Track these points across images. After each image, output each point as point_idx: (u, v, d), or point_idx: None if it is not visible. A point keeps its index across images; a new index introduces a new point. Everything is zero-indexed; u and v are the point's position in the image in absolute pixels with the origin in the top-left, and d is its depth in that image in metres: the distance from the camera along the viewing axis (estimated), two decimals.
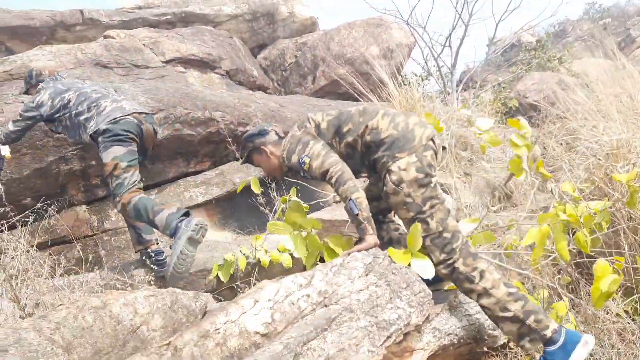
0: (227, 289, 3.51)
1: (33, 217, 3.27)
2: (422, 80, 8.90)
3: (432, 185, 2.31)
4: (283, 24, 8.61)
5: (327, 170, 2.37)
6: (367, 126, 2.42)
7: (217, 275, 3.52)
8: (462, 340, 2.21)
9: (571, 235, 2.73)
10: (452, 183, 4.46)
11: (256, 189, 3.68)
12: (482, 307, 2.18)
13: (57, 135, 3.86)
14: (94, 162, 4.15)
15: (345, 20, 8.31)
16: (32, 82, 3.87)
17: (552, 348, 2.07)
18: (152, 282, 3.04)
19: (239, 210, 4.72)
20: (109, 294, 2.11)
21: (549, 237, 2.54)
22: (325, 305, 1.76)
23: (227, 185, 4.63)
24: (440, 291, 2.47)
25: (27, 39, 6.67)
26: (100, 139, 3.35)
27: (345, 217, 4.01)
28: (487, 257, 2.86)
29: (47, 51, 5.05)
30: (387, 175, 2.33)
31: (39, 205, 3.39)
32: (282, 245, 3.79)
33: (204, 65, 6.03)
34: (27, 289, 2.60)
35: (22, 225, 3.41)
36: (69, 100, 3.58)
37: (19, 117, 3.61)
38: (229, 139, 4.53)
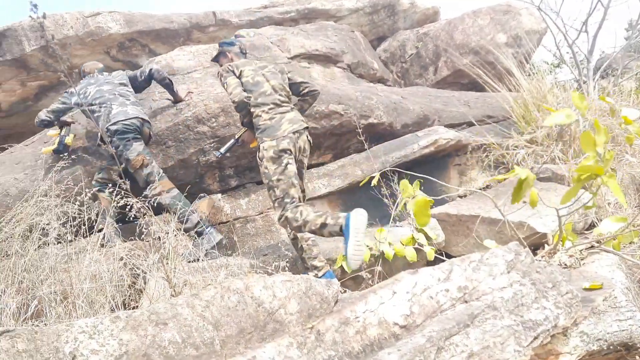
0: (349, 279, 3.57)
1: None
2: (554, 68, 8.28)
3: (282, 164, 3.37)
4: (404, 15, 8.49)
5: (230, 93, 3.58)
6: (256, 112, 3.57)
7: (341, 265, 3.59)
8: (611, 347, 2.04)
9: None
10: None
11: (375, 182, 3.69)
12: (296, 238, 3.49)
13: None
14: (228, 154, 4.43)
15: (469, 8, 7.98)
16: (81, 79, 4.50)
17: None
18: (286, 268, 3.17)
19: (360, 203, 4.75)
20: (250, 277, 2.24)
21: None
22: (465, 301, 1.71)
23: (349, 178, 4.69)
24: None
25: (167, 40, 7.27)
26: (115, 139, 3.83)
27: (473, 212, 3.89)
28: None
29: (187, 51, 5.47)
30: (258, 151, 3.50)
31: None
32: (406, 238, 3.78)
33: (326, 59, 6.15)
34: (176, 269, 2.86)
35: (167, 211, 3.75)
36: (89, 94, 4.14)
37: (56, 102, 4.29)
38: (358, 130, 4.60)
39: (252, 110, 3.57)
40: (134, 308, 2.95)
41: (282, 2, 8.48)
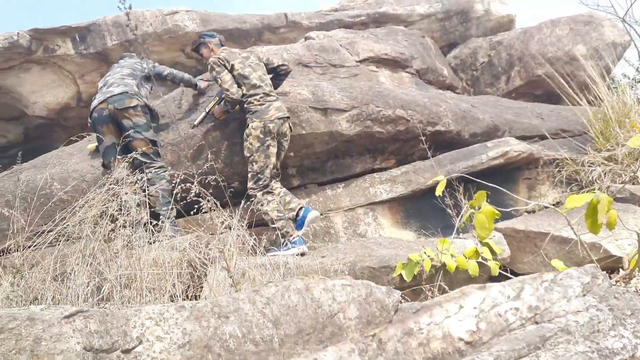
0: (408, 289, 3.49)
1: (243, 200, 3.63)
2: (636, 83, 7.82)
3: (265, 144, 3.93)
4: (477, 22, 8.28)
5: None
6: (248, 100, 4.06)
7: (400, 274, 3.52)
8: None
9: None
10: None
11: (439, 191, 3.59)
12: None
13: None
14: (292, 154, 4.46)
15: (547, 18, 7.67)
16: None
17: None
18: (345, 272, 3.14)
19: (422, 211, 4.67)
20: (311, 278, 2.23)
21: None
22: (536, 322, 1.62)
23: (412, 185, 4.61)
24: None
25: (238, 40, 7.43)
26: None
27: (543, 229, 3.72)
28: None
29: (259, 51, 5.57)
30: (246, 129, 4.00)
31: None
32: (470, 251, 3.66)
33: (395, 64, 6.09)
34: (235, 261, 2.89)
35: (233, 206, 3.82)
36: (107, 82, 4.42)
37: None
38: (421, 138, 4.51)
39: (243, 99, 4.06)
40: (191, 298, 3.02)
41: (353, 5, 8.48)
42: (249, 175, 3.95)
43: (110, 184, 3.69)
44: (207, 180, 3.81)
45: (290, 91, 4.60)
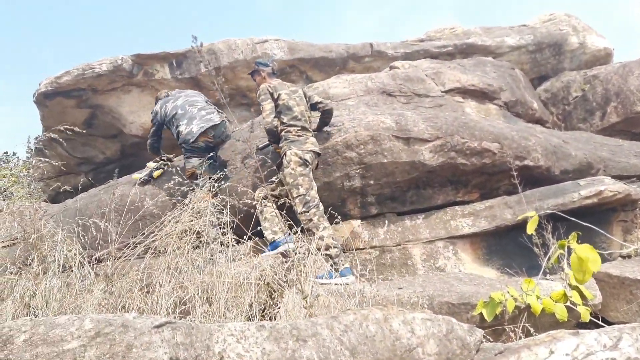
0: (488, 330, 3.31)
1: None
2: None
3: (307, 168, 4.04)
4: (571, 55, 7.95)
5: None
6: (287, 129, 4.24)
7: (480, 312, 3.36)
8: None
9: None
10: None
11: (531, 230, 3.40)
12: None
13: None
14: (372, 182, 4.44)
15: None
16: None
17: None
18: (425, 306, 3.05)
19: (506, 248, 4.45)
20: (390, 309, 2.18)
21: None
22: None
23: (496, 220, 4.42)
24: None
25: (323, 68, 7.62)
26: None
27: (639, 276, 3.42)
28: None
29: (343, 79, 5.66)
30: (284, 157, 4.10)
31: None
32: (557, 293, 3.42)
33: (482, 95, 5.94)
34: (310, 283, 2.89)
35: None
36: (166, 109, 4.79)
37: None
38: (512, 172, 4.33)
39: (282, 128, 4.25)
40: (268, 318, 3.04)
41: (439, 36, 8.44)
42: (296, 200, 3.94)
43: (196, 202, 3.84)
44: (280, 202, 3.89)
45: (372, 119, 4.61)
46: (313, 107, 4.55)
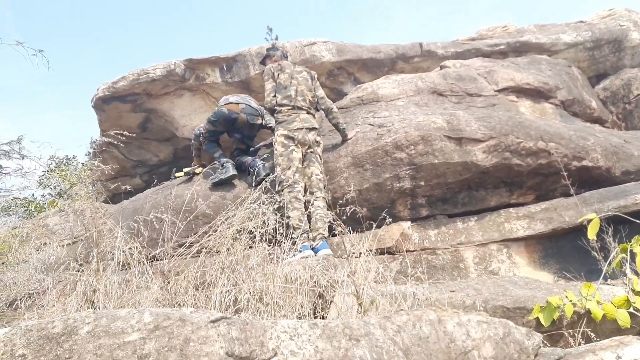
0: (545, 335, 3.20)
1: (375, 225, 3.63)
2: None
3: (288, 149, 4.29)
4: (631, 51, 7.57)
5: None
6: (278, 109, 4.52)
7: (537, 317, 3.24)
8: None
9: None
10: None
11: (592, 234, 3.26)
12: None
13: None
14: (422, 183, 4.37)
15: None
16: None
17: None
18: (481, 308, 2.97)
19: (563, 252, 4.28)
20: (444, 310, 2.14)
21: None
22: None
23: (553, 223, 4.25)
24: None
25: (371, 69, 7.56)
26: None
27: None
28: None
29: (392, 80, 5.61)
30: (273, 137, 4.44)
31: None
32: (619, 299, 3.27)
33: (538, 94, 5.74)
34: (364, 286, 2.87)
35: (360, 232, 3.83)
36: None
37: None
38: (563, 173, 4.16)
39: (276, 108, 4.50)
40: (318, 318, 3.04)
41: (491, 34, 8.24)
42: (277, 177, 4.22)
43: (250, 202, 3.90)
44: (338, 204, 3.88)
45: (423, 119, 4.54)
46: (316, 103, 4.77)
